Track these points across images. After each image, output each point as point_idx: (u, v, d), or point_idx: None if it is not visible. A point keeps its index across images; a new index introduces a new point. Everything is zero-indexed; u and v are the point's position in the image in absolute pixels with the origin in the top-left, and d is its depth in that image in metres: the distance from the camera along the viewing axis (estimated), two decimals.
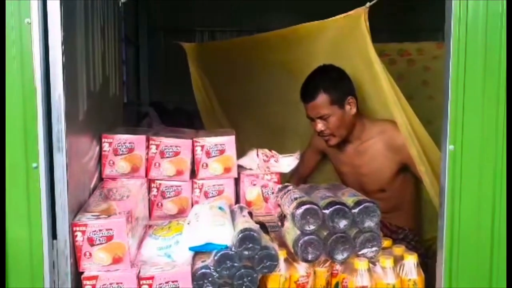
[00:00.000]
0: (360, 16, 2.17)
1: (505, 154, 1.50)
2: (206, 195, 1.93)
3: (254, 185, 1.99)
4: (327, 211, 1.60)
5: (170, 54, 4.81)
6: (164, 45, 4.94)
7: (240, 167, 2.03)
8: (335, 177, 2.66)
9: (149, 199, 1.93)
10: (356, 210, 1.61)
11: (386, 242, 1.78)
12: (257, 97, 3.11)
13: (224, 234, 1.56)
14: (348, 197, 1.70)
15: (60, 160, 1.45)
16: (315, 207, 1.59)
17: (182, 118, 4.64)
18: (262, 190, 1.99)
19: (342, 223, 1.60)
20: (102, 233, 1.51)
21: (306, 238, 1.59)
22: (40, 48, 1.40)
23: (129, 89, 4.47)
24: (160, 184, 1.92)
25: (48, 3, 1.40)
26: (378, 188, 2.43)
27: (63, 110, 1.42)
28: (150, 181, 1.92)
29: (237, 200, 1.98)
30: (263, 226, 1.75)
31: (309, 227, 1.59)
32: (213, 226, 1.58)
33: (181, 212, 1.93)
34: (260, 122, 3.15)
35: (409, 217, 2.50)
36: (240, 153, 2.18)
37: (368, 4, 2.13)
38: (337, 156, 2.54)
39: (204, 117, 3.32)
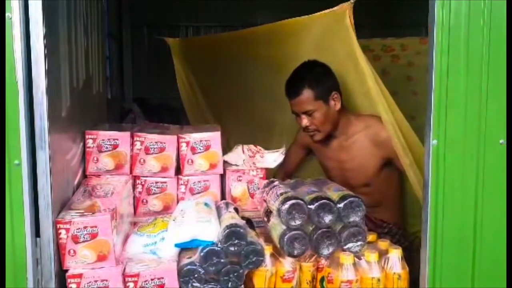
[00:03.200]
0: (344, 12, 2.18)
1: (487, 149, 1.52)
2: (191, 191, 1.92)
3: (240, 181, 1.98)
4: (312, 206, 1.60)
5: (154, 49, 4.80)
6: (148, 40, 4.91)
7: (225, 163, 2.03)
8: (320, 172, 2.67)
9: (134, 196, 1.92)
10: (341, 205, 1.62)
11: (371, 236, 1.80)
12: (242, 92, 3.11)
13: (210, 231, 1.56)
14: (333, 192, 1.70)
15: (43, 157, 1.42)
16: (301, 202, 1.60)
17: (167, 114, 4.63)
18: (247, 186, 1.99)
19: (328, 218, 1.61)
20: (87, 231, 1.50)
21: (291, 233, 1.60)
22: (21, 43, 1.38)
23: (113, 85, 4.43)
24: (145, 180, 1.91)
25: None
26: (363, 182, 2.44)
27: (46, 106, 1.40)
28: (135, 178, 1.91)
29: (223, 196, 1.98)
30: (249, 221, 1.75)
31: (294, 222, 1.59)
32: (199, 223, 1.57)
33: (167, 209, 1.92)
34: (245, 117, 3.15)
35: (393, 211, 2.52)
36: (226, 148, 2.17)
37: (352, 0, 2.13)
38: (322, 151, 2.55)
39: (189, 112, 3.32)
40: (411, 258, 2.19)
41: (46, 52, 1.40)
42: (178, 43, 3.26)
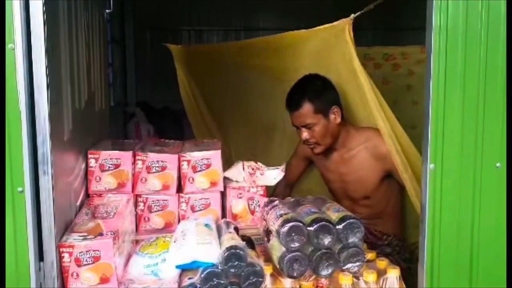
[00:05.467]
0: (344, 26, 2.19)
1: (484, 172, 1.54)
2: (192, 208, 1.95)
3: (240, 198, 2.01)
4: (312, 228, 1.62)
5: (156, 53, 4.80)
6: (150, 44, 4.92)
7: (226, 179, 2.05)
8: (321, 183, 2.69)
9: (136, 213, 1.94)
10: (340, 227, 1.64)
11: (370, 255, 1.81)
12: (243, 99, 3.14)
13: (211, 252, 1.58)
14: (333, 213, 1.72)
15: (45, 183, 1.45)
16: (300, 224, 1.62)
17: (169, 118, 4.65)
18: (248, 203, 2.01)
19: (327, 240, 1.63)
20: (89, 254, 1.52)
21: (291, 255, 1.62)
22: (24, 73, 1.40)
23: (116, 90, 4.45)
24: (146, 198, 1.93)
25: (32, 27, 1.40)
26: (363, 195, 2.47)
27: (48, 134, 1.42)
28: (136, 196, 1.93)
29: (224, 213, 2.00)
30: (249, 241, 1.77)
31: (294, 244, 1.61)
32: (200, 245, 1.59)
33: (168, 226, 1.94)
34: (246, 123, 3.18)
35: (393, 223, 2.54)
36: (227, 154, 2.15)
37: (352, 16, 2.15)
38: (323, 163, 2.57)
39: (191, 118, 3.33)
40: (411, 270, 2.22)
41: (48, 79, 1.42)
42: (180, 50, 3.27)
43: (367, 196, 2.46)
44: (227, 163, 2.15)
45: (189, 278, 1.59)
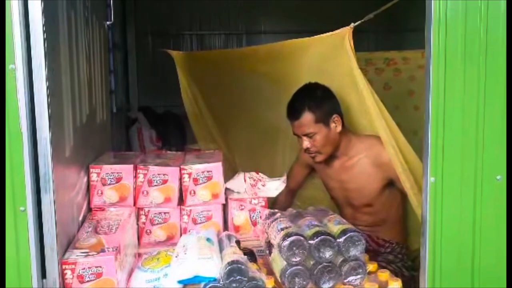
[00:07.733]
0: (345, 35, 2.19)
1: (485, 185, 1.54)
2: (194, 221, 1.95)
3: (242, 209, 2.01)
4: (313, 242, 1.63)
5: (158, 58, 4.81)
6: (152, 49, 4.93)
7: (227, 190, 2.05)
8: (323, 191, 2.69)
9: (138, 226, 1.95)
10: (341, 240, 1.65)
11: (372, 266, 1.81)
12: (245, 104, 3.14)
13: (212, 267, 1.59)
14: (334, 225, 1.73)
15: (47, 201, 1.45)
16: (301, 238, 1.62)
17: (172, 122, 4.65)
18: (250, 214, 2.01)
19: (328, 253, 1.63)
20: (91, 270, 1.53)
21: (292, 269, 1.62)
22: (25, 93, 1.40)
23: (117, 96, 4.45)
24: (148, 211, 1.94)
25: (32, 47, 1.40)
26: (365, 203, 2.46)
27: (50, 153, 1.43)
28: (138, 209, 1.94)
29: (225, 225, 2.01)
30: (251, 253, 1.78)
31: (295, 258, 1.62)
32: (201, 260, 1.60)
33: (170, 239, 1.95)
34: (249, 128, 3.18)
35: (396, 231, 2.53)
36: (229, 160, 2.13)
37: (352, 25, 2.15)
38: (325, 171, 2.57)
39: (193, 123, 3.34)
40: (414, 277, 2.22)
41: (49, 98, 1.43)
42: (182, 56, 3.28)
43: (369, 204, 2.46)
44: (230, 169, 2.15)
45: None
